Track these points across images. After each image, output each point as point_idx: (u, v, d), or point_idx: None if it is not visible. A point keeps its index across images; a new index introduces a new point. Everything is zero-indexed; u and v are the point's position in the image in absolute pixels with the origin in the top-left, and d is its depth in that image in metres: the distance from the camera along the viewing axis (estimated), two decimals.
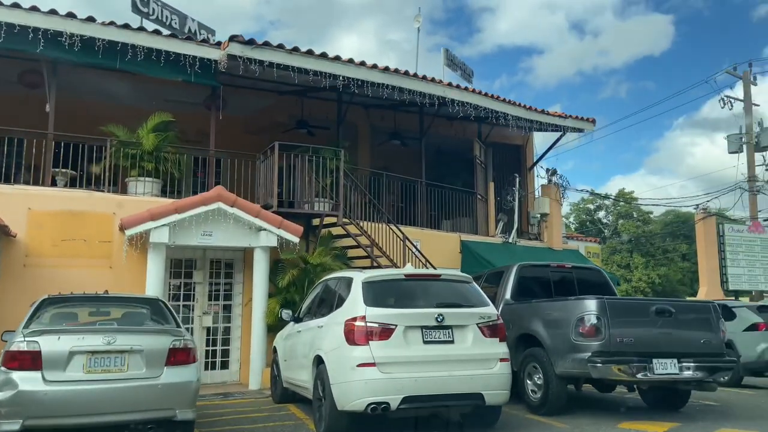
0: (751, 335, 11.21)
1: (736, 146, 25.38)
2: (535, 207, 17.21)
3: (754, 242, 23.30)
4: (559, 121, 16.01)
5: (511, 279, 8.34)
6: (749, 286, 22.99)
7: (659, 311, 6.63)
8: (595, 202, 49.54)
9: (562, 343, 6.82)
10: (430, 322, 5.75)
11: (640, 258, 44.81)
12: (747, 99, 25.24)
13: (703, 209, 22.97)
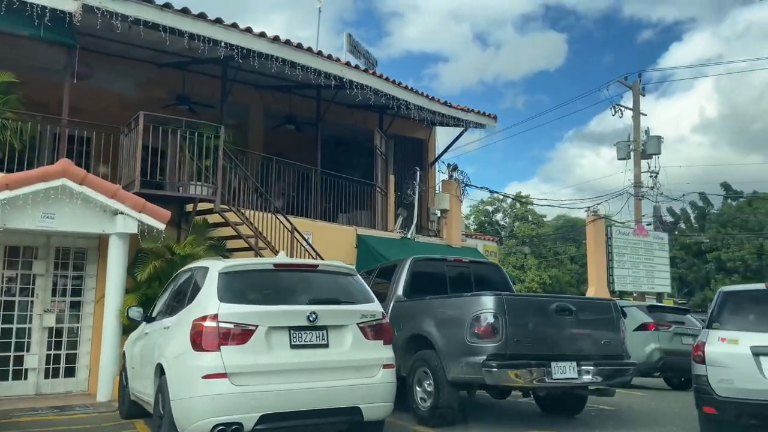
0: (640, 335, 11.16)
1: (625, 153, 26.51)
2: (436, 203, 16.67)
3: (639, 245, 24.35)
4: (461, 115, 15.53)
5: (404, 274, 7.49)
6: (633, 287, 23.99)
7: (560, 309, 6.02)
8: (494, 204, 50.79)
9: (456, 345, 6.03)
10: (301, 321, 4.71)
11: (533, 259, 46.38)
12: (636, 108, 26.42)
13: (593, 212, 23.67)
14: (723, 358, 5.58)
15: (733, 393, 5.47)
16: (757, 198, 36.92)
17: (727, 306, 6.01)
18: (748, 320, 5.81)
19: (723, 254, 34.91)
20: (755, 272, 34.05)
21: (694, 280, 38.36)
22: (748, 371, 5.42)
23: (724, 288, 6.42)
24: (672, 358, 10.88)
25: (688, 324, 11.50)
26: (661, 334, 11.04)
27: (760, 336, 5.54)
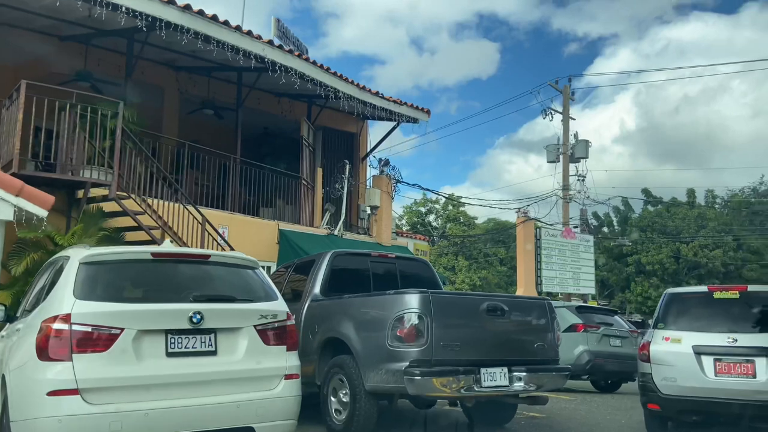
0: (569, 336, 10.84)
1: (554, 156, 26.83)
2: (366, 199, 15.97)
3: (566, 247, 24.62)
4: (393, 107, 14.90)
5: (322, 269, 6.70)
6: (560, 289, 24.21)
7: (491, 309, 5.40)
8: (426, 205, 50.80)
9: (376, 349, 5.30)
10: (181, 323, 3.84)
11: (464, 261, 46.64)
12: (565, 111, 26.77)
13: (523, 213, 23.73)
14: (667, 357, 5.82)
15: (676, 390, 5.69)
16: (674, 204, 38.60)
17: (672, 307, 6.22)
18: (691, 321, 6.00)
19: (643, 257, 36.23)
20: (672, 275, 35.56)
21: (615, 283, 39.66)
22: (689, 369, 5.65)
23: (669, 290, 6.57)
24: (600, 360, 10.65)
25: (616, 325, 11.34)
26: (590, 335, 10.79)
27: (701, 335, 5.79)
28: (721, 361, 5.64)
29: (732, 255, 34.91)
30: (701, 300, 6.20)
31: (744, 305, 5.97)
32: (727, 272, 34.80)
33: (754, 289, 6.24)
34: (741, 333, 5.71)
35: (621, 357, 10.90)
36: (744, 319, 5.90)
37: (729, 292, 6.06)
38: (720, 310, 6.00)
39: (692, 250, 34.70)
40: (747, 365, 5.55)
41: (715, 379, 5.59)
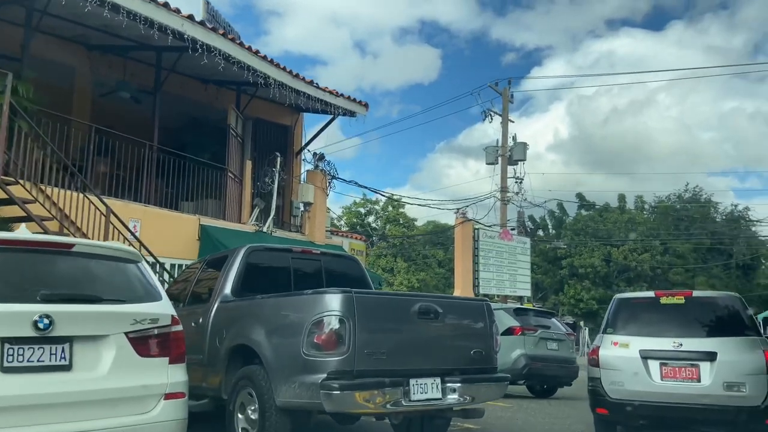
0: (506, 340, 10.38)
1: (493, 158, 26.81)
2: (299, 195, 15.13)
3: (503, 249, 24.55)
4: (329, 98, 14.13)
5: (235, 266, 5.87)
6: (497, 290, 24.09)
7: (423, 311, 4.75)
8: (366, 206, 50.21)
9: (289, 358, 4.55)
10: (23, 329, 2.96)
11: (403, 263, 46.33)
12: (505, 113, 26.79)
13: (462, 214, 23.48)
14: (615, 361, 5.85)
15: (624, 395, 5.73)
16: (606, 210, 39.67)
17: (621, 312, 6.23)
18: (639, 325, 6.04)
19: (576, 261, 37.02)
20: (603, 278, 36.52)
21: (549, 285, 40.38)
22: (636, 373, 5.69)
23: (618, 295, 6.69)
24: (538, 364, 10.27)
25: (553, 328, 11.01)
26: (527, 338, 10.40)
27: (648, 340, 5.82)
28: (667, 365, 5.67)
29: (659, 259, 36.14)
30: (649, 305, 6.24)
31: (689, 310, 6.01)
32: (655, 276, 36.00)
33: (698, 295, 6.31)
34: (686, 338, 5.72)
35: (558, 361, 10.59)
36: (689, 324, 5.90)
37: (675, 298, 6.09)
38: (666, 315, 6.00)
39: (622, 254, 35.68)
40: (692, 369, 5.59)
41: (661, 383, 5.62)
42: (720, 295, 6.53)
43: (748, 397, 5.40)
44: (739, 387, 5.44)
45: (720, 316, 6.02)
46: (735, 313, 5.98)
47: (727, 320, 5.95)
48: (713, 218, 41.35)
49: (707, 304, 6.21)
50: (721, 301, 6.22)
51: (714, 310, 6.08)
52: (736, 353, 5.59)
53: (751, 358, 5.55)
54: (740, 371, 5.50)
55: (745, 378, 5.45)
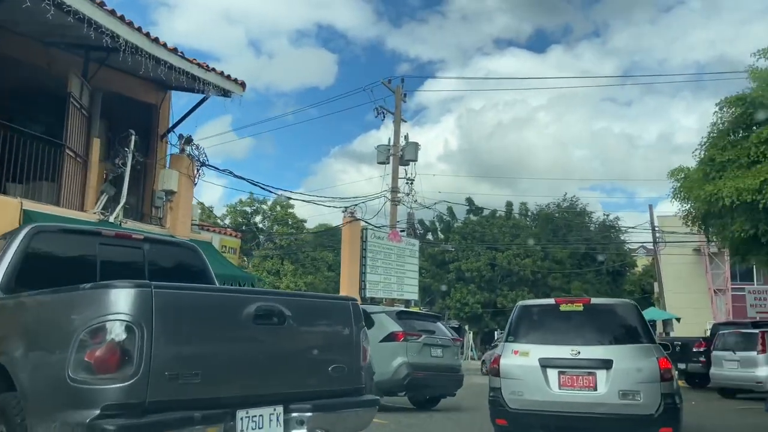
0: (387, 347, 9.35)
1: (384, 157, 25.99)
2: (160, 183, 13.17)
3: (392, 250, 23.73)
4: (198, 72, 12.32)
5: (10, 252, 4.18)
6: (384, 294, 23.20)
7: (263, 314, 3.41)
8: (253, 205, 47.79)
9: (50, 385, 3.05)
10: None
11: (290, 265, 44.49)
12: (397, 112, 26.08)
13: (350, 213, 22.37)
14: (515, 371, 5.71)
15: (523, 404, 5.62)
16: (493, 216, 40.48)
17: (522, 320, 6.08)
18: (539, 333, 5.91)
19: (463, 265, 37.33)
20: (488, 282, 37.13)
21: (436, 289, 40.51)
22: (536, 382, 5.56)
23: (520, 302, 6.54)
24: (421, 373, 9.26)
25: (439, 333, 10.08)
26: (410, 345, 9.37)
27: (547, 348, 5.68)
28: (565, 373, 5.54)
29: (540, 264, 37.29)
30: (549, 312, 6.12)
31: (588, 317, 5.93)
32: (536, 280, 37.11)
33: (596, 302, 6.25)
34: (584, 345, 5.61)
35: (442, 369, 9.67)
36: (587, 332, 5.81)
37: (574, 305, 6.00)
38: (566, 323, 5.90)
39: (506, 259, 36.40)
40: (589, 377, 5.46)
41: (559, 392, 5.51)
42: (617, 303, 6.51)
43: (642, 406, 5.31)
44: (633, 395, 5.33)
45: (617, 323, 5.94)
46: (631, 320, 5.89)
47: (623, 328, 5.86)
48: (588, 227, 43.64)
49: (605, 311, 6.13)
50: (618, 309, 6.17)
51: (611, 317, 6.02)
52: (631, 361, 5.48)
53: (645, 366, 5.43)
54: (635, 379, 5.39)
55: (640, 386, 5.35)
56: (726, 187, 10.84)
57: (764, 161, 10.76)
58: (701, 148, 12.56)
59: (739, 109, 11.31)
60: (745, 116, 11.31)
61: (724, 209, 11.50)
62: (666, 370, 5.39)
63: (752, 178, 10.43)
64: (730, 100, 11.59)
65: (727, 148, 11.63)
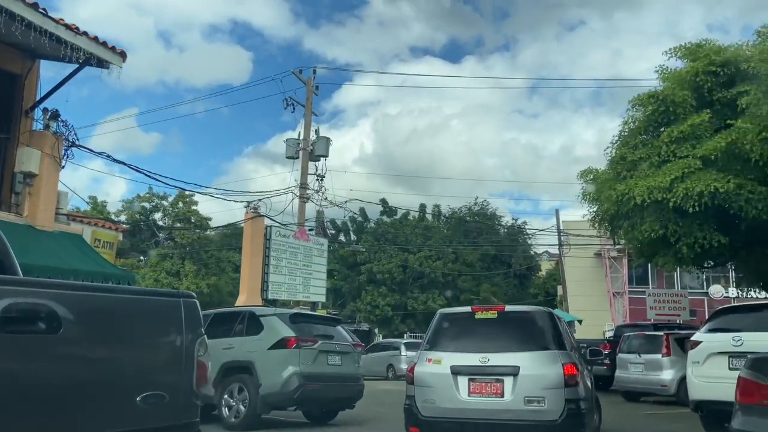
0: (277, 355, 8.14)
1: (293, 151, 24.61)
2: (18, 163, 11.21)
3: (298, 250, 22.39)
4: (67, 35, 10.56)
5: None
6: (288, 296, 21.83)
7: (17, 316, 2.13)
8: (153, 201, 44.57)
9: None
10: None
11: (191, 266, 41.79)
12: (308, 104, 24.75)
13: (253, 209, 20.83)
14: (428, 378, 5.73)
15: (435, 412, 5.66)
16: (406, 217, 40.01)
17: (440, 328, 6.08)
18: (453, 341, 5.90)
19: (374, 266, 36.54)
20: (399, 284, 36.56)
21: (348, 292, 39.47)
22: (446, 390, 5.60)
23: (441, 310, 6.54)
24: (315, 385, 8.11)
25: (338, 338, 8.97)
26: (304, 352, 8.20)
27: (459, 356, 5.71)
28: (474, 381, 5.59)
29: (451, 266, 37.22)
30: (465, 320, 6.13)
31: (500, 325, 5.96)
32: (446, 282, 36.98)
33: (510, 309, 6.35)
34: (493, 353, 5.64)
35: (340, 379, 8.57)
36: (498, 339, 5.80)
37: (488, 312, 6.05)
38: (479, 330, 5.92)
39: (418, 261, 36.00)
40: (496, 384, 5.52)
41: (468, 399, 5.57)
42: (530, 310, 6.50)
43: (546, 411, 5.36)
44: (538, 401, 5.39)
45: (528, 330, 5.89)
46: (541, 327, 5.87)
47: (533, 335, 5.83)
48: (497, 231, 44.32)
49: (517, 318, 6.16)
50: (531, 316, 6.15)
51: (523, 324, 6.00)
52: (537, 368, 5.52)
53: (550, 372, 5.45)
54: (540, 385, 5.43)
55: (544, 392, 5.40)
56: (637, 187, 10.54)
57: (674, 160, 10.57)
58: (612, 146, 12.33)
59: (651, 107, 11.10)
60: (656, 114, 11.12)
61: (634, 209, 11.25)
62: (570, 376, 5.39)
63: (663, 177, 10.17)
64: (642, 98, 11.38)
65: (639, 147, 11.41)
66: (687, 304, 20.24)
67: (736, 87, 10.74)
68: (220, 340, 8.70)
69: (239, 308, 10.05)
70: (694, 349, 7.16)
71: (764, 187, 9.73)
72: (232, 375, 8.38)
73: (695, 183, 9.70)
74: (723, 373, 6.65)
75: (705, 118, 10.52)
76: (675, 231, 10.49)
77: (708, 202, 9.70)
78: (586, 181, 14.35)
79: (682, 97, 10.89)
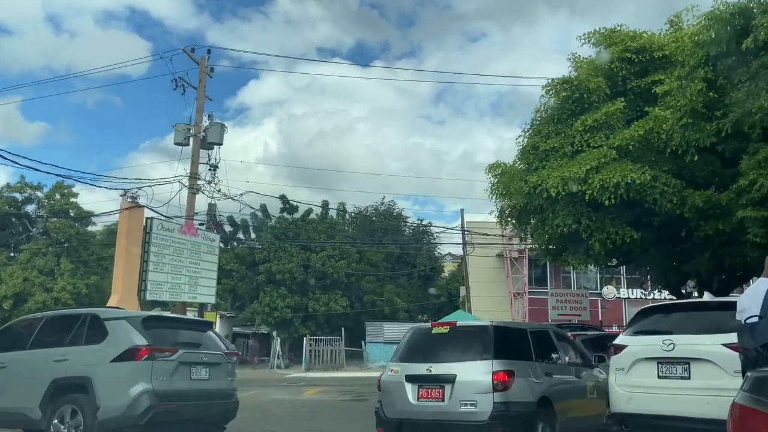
0: (122, 369, 6.41)
1: (182, 137, 22.29)
2: None
3: (184, 245, 20.08)
4: None
5: None
6: (171, 297, 19.52)
7: None
8: (25, 191, 39.80)
9: None
10: None
11: (69, 264, 37.62)
12: (201, 86, 22.47)
13: (131, 197, 18.43)
14: (389, 385, 6.75)
15: (394, 414, 6.62)
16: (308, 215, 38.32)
17: (406, 341, 7.05)
18: (410, 353, 6.84)
19: (274, 266, 34.53)
20: (300, 285, 34.74)
21: (246, 293, 37.13)
22: (401, 395, 6.55)
23: (412, 326, 7.76)
24: (170, 405, 6.46)
25: (207, 346, 7.32)
26: (159, 364, 6.52)
27: (411, 365, 6.64)
28: (422, 387, 6.43)
29: (355, 266, 36.02)
30: (424, 334, 7.01)
31: (449, 338, 6.70)
32: (350, 283, 35.73)
33: (460, 324, 7.15)
34: (437, 362, 6.41)
35: (207, 396, 6.96)
36: (445, 351, 6.53)
37: (442, 327, 6.94)
38: (432, 343, 6.72)
39: (321, 260, 34.48)
40: (439, 390, 6.32)
41: (418, 403, 6.43)
42: (475, 325, 7.27)
43: (478, 413, 6.03)
44: (471, 404, 6.07)
45: (469, 342, 6.52)
46: (481, 339, 6.46)
47: (472, 346, 6.44)
48: (402, 231, 43.74)
49: (463, 333, 6.81)
50: (474, 330, 6.82)
51: (466, 337, 6.66)
52: (471, 375, 6.17)
53: (481, 379, 6.10)
54: (472, 390, 6.10)
55: (476, 396, 6.07)
56: (551, 177, 9.77)
57: (588, 150, 9.90)
58: (525, 134, 11.57)
59: (564, 93, 10.40)
60: (570, 102, 10.45)
61: (546, 203, 10.51)
62: (498, 382, 6.02)
63: (578, 167, 9.45)
64: (555, 83, 10.67)
65: (551, 136, 10.69)
66: (587, 304, 20.30)
67: (650, 76, 10.28)
68: (51, 350, 6.90)
69: (79, 311, 8.13)
70: (618, 354, 6.28)
71: (678, 180, 9.24)
72: (64, 394, 6.57)
73: (611, 174, 9.04)
74: (651, 381, 5.82)
75: (620, 106, 9.96)
76: (588, 226, 9.82)
77: (624, 194, 9.07)
78: (494, 176, 13.61)
79: (597, 84, 10.28)
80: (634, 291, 35.61)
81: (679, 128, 7.90)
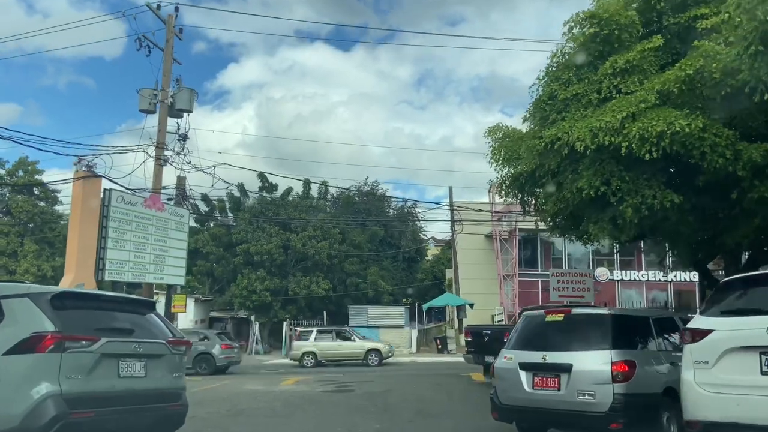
0: (18, 364, 4.63)
1: (148, 104, 20.23)
2: None
3: (149, 221, 18.16)
4: None
5: None
6: (134, 277, 17.61)
7: None
8: None
9: None
10: None
11: (33, 244, 35.35)
12: (168, 48, 20.43)
13: (86, 167, 16.43)
14: (503, 373, 6.80)
15: (508, 400, 6.67)
16: (288, 194, 36.40)
17: (518, 329, 7.11)
18: (524, 341, 6.83)
19: (252, 247, 32.68)
20: (280, 266, 32.98)
21: (224, 275, 35.25)
22: (515, 383, 6.55)
23: (524, 312, 7.78)
24: (88, 412, 4.72)
25: (143, 332, 5.53)
26: (71, 357, 4.75)
27: (526, 353, 6.61)
28: (537, 375, 6.40)
29: (337, 247, 34.28)
30: (537, 322, 6.99)
31: (564, 326, 6.63)
32: (332, 265, 34.02)
33: (575, 312, 6.87)
34: (552, 351, 6.38)
35: (141, 399, 5.20)
36: (560, 339, 6.53)
37: (556, 315, 6.80)
38: (546, 331, 6.73)
39: (301, 241, 32.67)
40: (554, 379, 6.25)
41: (533, 391, 6.41)
42: (592, 313, 6.93)
43: (597, 404, 5.90)
44: (589, 394, 5.95)
45: (586, 331, 6.44)
46: (597, 328, 6.36)
47: (590, 335, 6.36)
48: (387, 212, 42.02)
49: (579, 321, 6.66)
50: (590, 318, 6.66)
51: (582, 325, 6.58)
52: (588, 365, 6.06)
53: (598, 369, 5.96)
54: (589, 381, 5.99)
55: (595, 387, 5.94)
56: (576, 129, 8.10)
57: (619, 97, 8.24)
58: (539, 83, 9.86)
59: (590, 30, 8.69)
60: (597, 40, 8.75)
61: (565, 163, 8.86)
62: (618, 372, 5.86)
63: (611, 115, 7.79)
64: (579, 17, 8.94)
65: (573, 83, 9.00)
66: (591, 285, 18.86)
67: (691, 10, 8.61)
68: None
69: None
70: (699, 341, 4.63)
71: (731, 131, 7.62)
72: None
73: (653, 122, 7.37)
74: (751, 379, 4.21)
75: (658, 43, 8.30)
76: (619, 188, 8.19)
77: (667, 147, 7.43)
78: (495, 140, 11.94)
79: (629, 18, 8.59)
80: (627, 273, 34.57)
81: (747, 58, 6.27)
